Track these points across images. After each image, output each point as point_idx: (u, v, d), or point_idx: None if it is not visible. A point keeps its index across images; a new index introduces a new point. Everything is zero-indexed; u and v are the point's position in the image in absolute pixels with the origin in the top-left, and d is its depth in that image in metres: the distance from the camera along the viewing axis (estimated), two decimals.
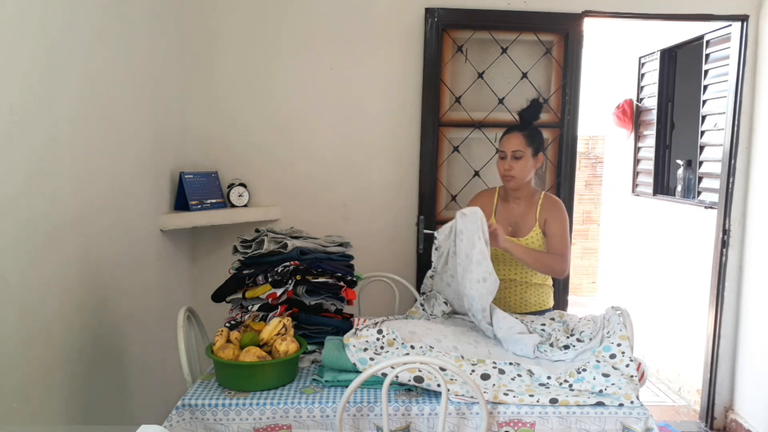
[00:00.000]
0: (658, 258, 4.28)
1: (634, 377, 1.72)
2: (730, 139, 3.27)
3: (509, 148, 2.36)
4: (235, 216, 2.94)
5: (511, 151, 2.36)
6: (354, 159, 3.13)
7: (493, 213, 2.48)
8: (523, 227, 2.43)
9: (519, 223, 2.45)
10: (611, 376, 1.70)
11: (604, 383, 1.68)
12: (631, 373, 1.73)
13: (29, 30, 1.67)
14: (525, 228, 2.43)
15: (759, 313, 3.17)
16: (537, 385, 1.71)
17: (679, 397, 3.92)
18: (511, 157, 2.36)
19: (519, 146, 2.35)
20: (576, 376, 1.72)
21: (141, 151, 2.47)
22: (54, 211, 1.80)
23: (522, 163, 2.36)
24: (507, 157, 2.37)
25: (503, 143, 2.40)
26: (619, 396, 1.65)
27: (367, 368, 1.67)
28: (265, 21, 3.02)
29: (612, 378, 1.69)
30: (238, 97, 3.05)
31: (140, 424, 1.17)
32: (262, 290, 1.94)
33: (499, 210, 2.50)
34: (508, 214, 2.48)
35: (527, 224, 2.43)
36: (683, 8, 3.13)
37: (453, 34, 3.12)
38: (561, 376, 1.74)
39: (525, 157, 2.36)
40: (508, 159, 2.37)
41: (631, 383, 1.68)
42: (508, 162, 2.37)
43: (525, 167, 2.37)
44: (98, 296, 2.08)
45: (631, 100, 4.61)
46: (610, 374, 1.70)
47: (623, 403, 1.63)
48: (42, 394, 1.74)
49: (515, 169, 2.36)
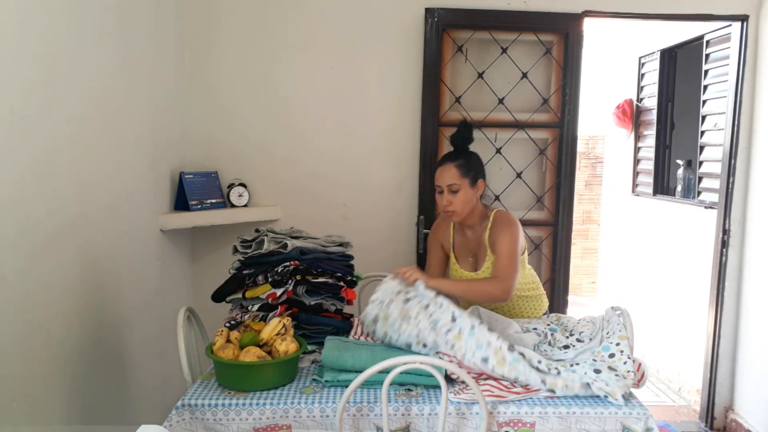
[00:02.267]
0: (658, 258, 4.28)
1: (630, 372, 1.73)
2: (730, 139, 3.27)
3: (444, 182, 2.21)
4: (235, 216, 2.94)
5: (446, 185, 2.21)
6: (354, 159, 3.13)
7: (451, 247, 2.38)
8: (479, 257, 2.31)
9: (476, 254, 2.33)
10: (602, 373, 1.70)
11: (593, 377, 1.69)
12: (628, 369, 1.73)
13: (30, 31, 1.67)
14: (481, 258, 2.30)
15: (759, 313, 3.17)
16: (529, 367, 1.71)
17: (679, 397, 3.92)
18: (448, 192, 2.21)
19: (453, 179, 2.20)
20: (568, 368, 1.73)
21: (141, 151, 2.47)
22: (54, 211, 1.80)
23: (460, 195, 2.21)
24: (444, 192, 2.23)
25: (437, 177, 2.24)
26: (606, 391, 1.66)
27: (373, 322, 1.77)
28: (265, 21, 3.02)
29: (602, 375, 1.69)
30: (238, 98, 3.05)
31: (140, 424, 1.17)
32: (262, 290, 1.94)
33: (457, 243, 2.37)
34: (464, 245, 2.36)
35: (482, 253, 2.30)
36: (683, 8, 3.13)
37: (453, 34, 3.12)
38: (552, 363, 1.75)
39: (463, 189, 2.21)
40: (445, 194, 2.22)
41: (620, 381, 1.68)
42: (445, 197, 2.22)
43: (464, 199, 2.22)
44: (98, 296, 2.08)
45: (631, 100, 4.60)
46: (602, 371, 1.71)
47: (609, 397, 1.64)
48: (42, 394, 1.74)
49: (455, 203, 2.21)
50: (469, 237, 2.35)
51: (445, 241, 2.40)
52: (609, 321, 1.95)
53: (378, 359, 1.66)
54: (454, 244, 2.38)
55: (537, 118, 3.19)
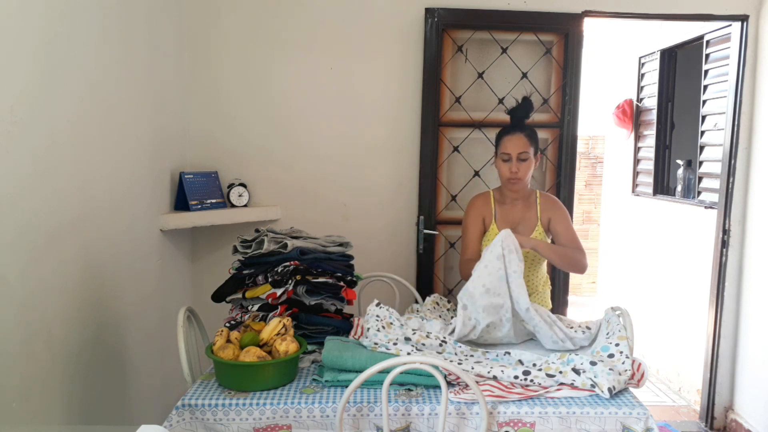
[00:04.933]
0: (658, 258, 4.28)
1: (627, 371, 1.74)
2: (730, 139, 3.27)
3: (514, 150, 2.29)
4: (235, 216, 2.94)
5: (517, 153, 2.29)
6: (354, 159, 3.13)
7: (493, 218, 2.43)
8: (525, 229, 2.38)
9: (520, 225, 2.39)
10: (596, 366, 1.71)
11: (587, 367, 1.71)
12: (626, 368, 1.74)
13: (30, 31, 1.67)
14: (526, 229, 2.38)
15: (759, 313, 3.17)
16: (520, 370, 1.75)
17: (679, 397, 3.92)
18: (517, 159, 2.29)
19: (524, 147, 2.29)
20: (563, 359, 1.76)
21: (141, 151, 2.47)
22: (54, 211, 1.80)
23: (527, 164, 2.30)
24: (512, 160, 2.30)
25: (505, 145, 2.32)
26: (594, 382, 1.67)
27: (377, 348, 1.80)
28: (265, 21, 3.02)
29: (596, 368, 1.71)
30: (238, 97, 3.05)
31: (140, 424, 1.17)
32: (262, 290, 1.94)
33: (498, 214, 2.43)
34: (508, 217, 2.42)
35: (528, 225, 2.39)
36: (683, 8, 3.13)
37: (453, 34, 3.12)
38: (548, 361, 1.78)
39: (529, 159, 2.31)
40: (513, 161, 2.30)
41: (611, 375, 1.69)
42: (514, 164, 2.30)
43: (530, 168, 2.32)
44: (98, 296, 2.08)
45: (631, 100, 4.61)
46: (597, 363, 1.72)
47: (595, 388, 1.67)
48: (42, 394, 1.74)
49: (521, 171, 2.30)
50: (511, 210, 2.42)
51: (488, 214, 2.43)
52: (609, 321, 1.96)
53: (378, 359, 1.67)
54: (495, 215, 2.43)
55: (537, 118, 3.19)
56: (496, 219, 2.43)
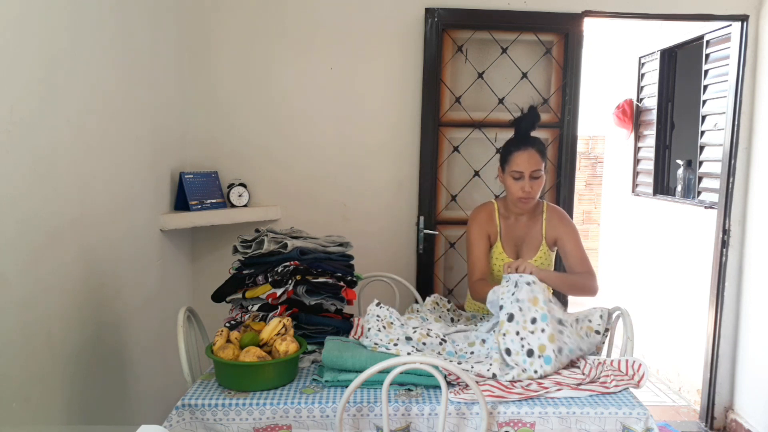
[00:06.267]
0: (658, 258, 4.28)
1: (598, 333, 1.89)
2: (730, 139, 3.27)
3: (527, 168, 2.12)
4: (235, 216, 2.94)
5: (530, 171, 2.13)
6: (354, 159, 3.13)
7: (498, 236, 2.29)
8: (528, 249, 2.26)
9: (523, 246, 2.27)
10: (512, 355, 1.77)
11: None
12: (595, 329, 1.90)
13: (30, 31, 1.67)
14: (530, 250, 2.26)
15: (759, 313, 3.17)
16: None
17: (679, 397, 3.92)
18: (530, 178, 2.13)
19: (537, 165, 2.13)
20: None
21: (141, 151, 2.47)
22: (54, 211, 1.80)
23: (540, 182, 2.15)
24: (524, 178, 2.13)
25: (516, 162, 2.14)
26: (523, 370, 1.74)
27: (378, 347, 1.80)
28: (264, 21, 3.02)
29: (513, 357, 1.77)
30: (238, 98, 3.05)
31: (140, 424, 1.17)
32: (262, 290, 1.94)
33: (503, 230, 2.29)
34: (512, 234, 2.29)
35: (532, 244, 2.26)
36: (683, 8, 3.13)
37: (453, 34, 3.12)
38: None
39: (542, 176, 2.15)
40: (526, 180, 2.13)
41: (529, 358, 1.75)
42: (527, 184, 2.13)
43: (542, 185, 2.17)
44: (98, 296, 2.08)
45: (631, 100, 4.61)
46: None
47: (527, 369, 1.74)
48: (42, 394, 1.74)
49: (534, 189, 2.14)
50: (515, 225, 2.29)
51: (492, 230, 2.29)
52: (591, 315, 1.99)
53: (378, 359, 1.67)
54: (501, 232, 2.30)
55: None
56: (501, 236, 2.30)
